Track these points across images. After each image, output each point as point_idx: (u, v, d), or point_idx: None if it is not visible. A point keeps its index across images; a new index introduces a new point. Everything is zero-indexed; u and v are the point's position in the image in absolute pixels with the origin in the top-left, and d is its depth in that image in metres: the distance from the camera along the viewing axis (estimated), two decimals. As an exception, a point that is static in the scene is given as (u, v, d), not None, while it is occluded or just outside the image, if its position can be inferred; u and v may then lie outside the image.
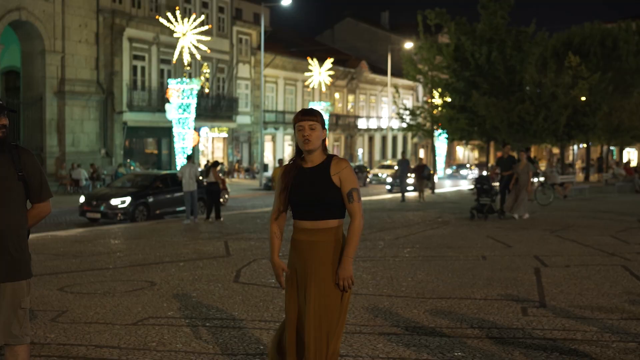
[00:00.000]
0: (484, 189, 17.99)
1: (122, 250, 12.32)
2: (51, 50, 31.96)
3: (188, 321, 6.75)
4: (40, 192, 4.07)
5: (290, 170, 4.10)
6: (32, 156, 4.07)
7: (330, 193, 3.99)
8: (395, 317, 6.89)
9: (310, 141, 4.01)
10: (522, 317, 6.89)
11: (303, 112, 4.07)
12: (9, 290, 3.92)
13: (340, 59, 56.32)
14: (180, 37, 33.20)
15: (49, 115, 32.25)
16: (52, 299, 7.83)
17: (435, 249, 12.13)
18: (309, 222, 4.02)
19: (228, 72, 44.99)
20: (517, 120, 33.45)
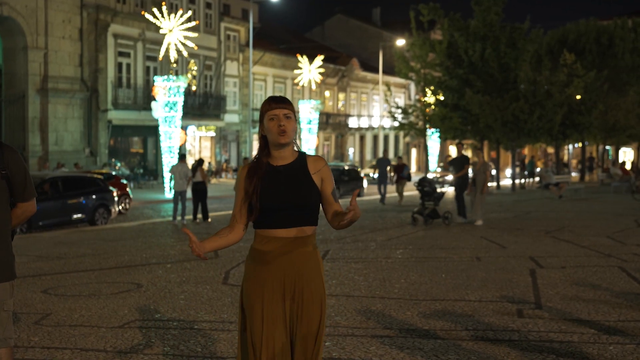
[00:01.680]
0: (426, 192, 16.77)
1: (107, 252, 12.28)
2: (34, 47, 31.82)
3: (176, 324, 6.73)
4: (24, 191, 4.04)
5: (257, 170, 3.58)
6: (16, 154, 4.04)
7: (312, 195, 3.54)
8: (388, 319, 6.89)
9: (287, 133, 3.53)
10: (518, 319, 6.91)
11: (275, 99, 3.59)
12: (-8, 292, 3.90)
13: (330, 56, 56.32)
14: (166, 34, 33.14)
15: (32, 113, 32.10)
16: (36, 302, 7.80)
17: (428, 250, 12.15)
18: (283, 230, 3.51)
19: (216, 69, 44.92)
20: (511, 119, 33.51)
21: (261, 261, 3.54)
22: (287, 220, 3.51)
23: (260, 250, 3.55)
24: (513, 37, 34.68)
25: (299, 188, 3.53)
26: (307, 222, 3.55)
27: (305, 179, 3.56)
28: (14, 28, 31.34)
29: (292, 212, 3.51)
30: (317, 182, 3.58)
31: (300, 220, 3.53)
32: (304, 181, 3.56)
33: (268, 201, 3.50)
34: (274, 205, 3.50)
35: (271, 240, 3.52)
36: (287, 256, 3.51)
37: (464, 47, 34.55)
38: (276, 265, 3.50)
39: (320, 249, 12.16)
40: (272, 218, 3.52)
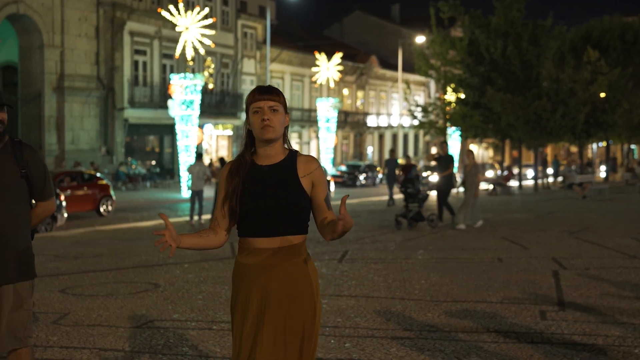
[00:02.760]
0: (410, 193, 16.03)
1: (124, 252, 12.37)
2: (50, 45, 32.10)
3: (194, 324, 6.78)
4: (44, 190, 4.10)
5: (239, 168, 3.26)
6: (35, 153, 4.10)
7: (300, 200, 3.19)
8: (408, 321, 6.90)
9: (272, 127, 3.19)
10: (541, 321, 6.89)
11: (261, 90, 3.24)
12: (12, 292, 3.95)
13: (349, 53, 56.32)
14: (183, 31, 33.28)
15: (48, 112, 32.39)
16: (54, 301, 7.89)
17: (448, 251, 12.13)
18: (265, 239, 3.18)
19: (232, 67, 45.08)
20: (533, 118, 33.37)
21: (244, 277, 3.21)
22: (271, 229, 3.18)
23: (243, 263, 3.23)
24: (535, 34, 34.52)
25: (284, 192, 3.18)
26: (294, 230, 3.21)
27: (293, 182, 3.21)
28: (30, 26, 31.63)
29: (276, 219, 3.17)
30: (306, 187, 3.22)
31: (286, 229, 3.19)
32: (291, 184, 3.20)
33: (248, 205, 3.18)
34: (254, 211, 3.18)
35: (252, 252, 3.20)
36: (272, 271, 3.17)
37: (485, 45, 34.45)
38: (260, 283, 3.17)
39: (339, 250, 12.19)
40: (254, 225, 3.19)
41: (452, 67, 37.15)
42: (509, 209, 22.68)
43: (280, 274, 3.17)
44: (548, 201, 26.76)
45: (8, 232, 3.95)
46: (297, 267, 3.20)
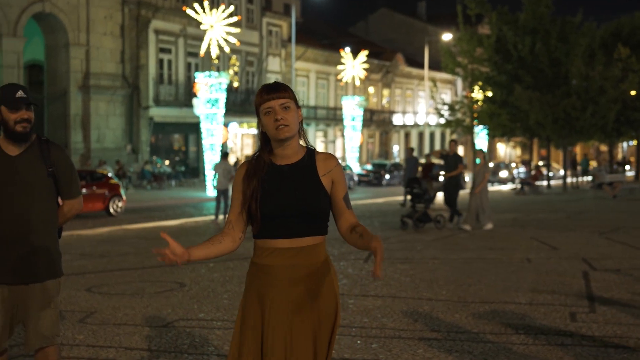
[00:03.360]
0: (416, 194, 15.73)
1: (149, 250, 12.44)
2: (75, 43, 32.40)
3: (220, 324, 6.81)
4: (70, 188, 4.14)
5: (257, 169, 3.18)
6: (63, 151, 4.15)
7: (321, 200, 3.14)
8: (436, 322, 6.87)
9: (287, 126, 3.11)
10: (571, 323, 6.83)
11: (268, 89, 3.14)
12: (39, 290, 4.00)
13: (374, 51, 56.23)
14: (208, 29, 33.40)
15: (74, 110, 32.70)
16: (80, 300, 7.96)
17: (476, 251, 12.07)
18: (285, 240, 3.12)
19: (257, 65, 45.20)
20: (562, 116, 33.08)
21: (261, 278, 3.15)
22: (291, 230, 3.12)
23: (261, 264, 3.16)
24: (564, 30, 34.21)
25: (305, 192, 3.12)
26: (314, 231, 3.16)
27: (313, 182, 3.15)
28: (55, 25, 31.95)
29: (297, 220, 3.11)
30: (326, 185, 3.17)
31: (306, 230, 3.14)
32: (311, 184, 3.15)
33: (269, 207, 3.11)
34: (275, 212, 3.11)
35: (273, 253, 3.13)
36: (292, 272, 3.12)
37: (513, 42, 34.20)
38: (279, 284, 3.12)
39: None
40: (274, 226, 3.12)
41: (479, 64, 36.92)
42: (537, 208, 22.50)
43: (300, 275, 3.12)
44: (577, 201, 26.52)
45: (35, 230, 3.99)
46: (317, 268, 3.16)
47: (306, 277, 3.12)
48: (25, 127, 3.97)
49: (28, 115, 3.98)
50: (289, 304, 3.10)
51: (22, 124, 3.96)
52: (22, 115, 3.95)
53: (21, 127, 3.96)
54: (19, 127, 3.95)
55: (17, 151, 4.00)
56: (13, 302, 4.01)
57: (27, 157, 4.01)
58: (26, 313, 4.02)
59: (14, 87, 4.00)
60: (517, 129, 36.66)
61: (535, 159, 50.19)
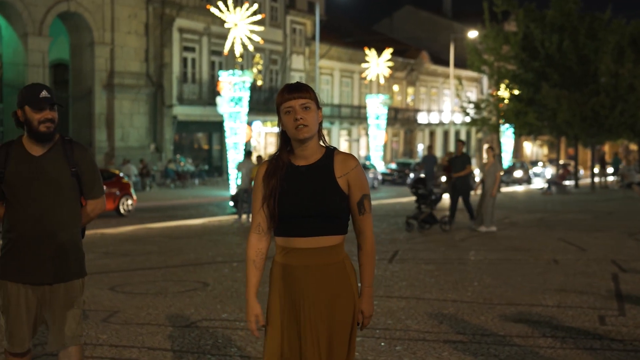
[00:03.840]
0: (421, 195, 15.33)
1: (172, 250, 12.50)
2: (100, 42, 32.64)
3: (243, 324, 6.80)
4: (93, 188, 4.14)
5: (277, 169, 3.24)
6: (86, 151, 4.16)
7: (336, 201, 3.17)
8: (461, 324, 6.82)
9: (307, 126, 3.15)
10: (600, 326, 6.74)
11: (290, 89, 3.21)
12: (63, 290, 4.01)
13: (399, 49, 56.02)
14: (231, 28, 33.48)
15: (98, 109, 32.94)
16: (104, 299, 8.00)
17: (502, 252, 11.98)
18: (303, 239, 3.18)
19: (281, 63, 45.25)
20: (590, 115, 32.75)
21: (282, 278, 3.24)
22: (308, 229, 3.17)
23: (281, 264, 3.25)
24: (593, 27, 33.83)
25: (321, 193, 3.16)
26: (332, 231, 3.20)
27: (329, 183, 3.18)
28: (80, 24, 32.21)
29: (313, 220, 3.17)
30: (343, 187, 3.19)
31: (323, 230, 3.18)
32: (327, 185, 3.18)
33: (286, 207, 3.18)
34: (292, 212, 3.18)
35: (291, 252, 3.21)
36: (310, 272, 3.18)
37: (540, 39, 33.90)
38: (298, 284, 3.19)
39: (389, 249, 12.13)
40: (292, 226, 3.20)
41: (505, 62, 36.62)
42: (565, 208, 22.30)
43: (317, 275, 3.18)
44: (606, 201, 26.25)
45: (59, 230, 4.01)
46: (335, 268, 3.21)
47: (323, 276, 3.18)
48: (49, 127, 3.98)
49: (52, 115, 3.99)
50: (306, 303, 3.18)
51: (46, 124, 3.97)
52: (46, 115, 3.96)
53: (45, 127, 3.97)
54: (43, 127, 3.97)
55: (40, 151, 4.02)
56: (37, 302, 4.03)
57: (51, 157, 4.02)
58: (50, 313, 4.04)
59: (37, 87, 4.01)
60: (544, 127, 36.35)
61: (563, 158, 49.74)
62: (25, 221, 3.96)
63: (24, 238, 3.97)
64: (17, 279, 4.00)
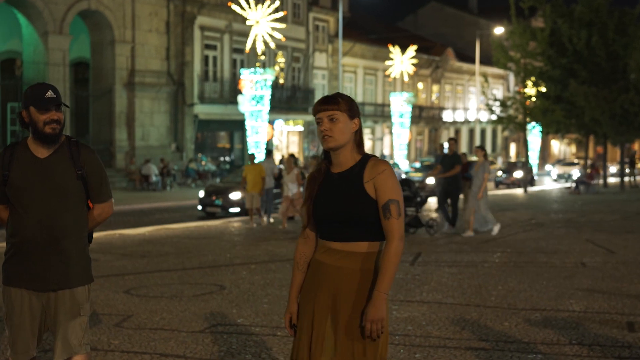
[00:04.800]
0: (406, 196, 14.53)
1: (190, 251, 12.45)
2: (121, 40, 32.76)
3: (258, 329, 6.71)
4: (100, 192, 4.06)
5: (318, 174, 3.45)
6: (93, 153, 4.06)
7: (362, 206, 3.29)
8: (484, 330, 6.67)
9: (332, 137, 3.34)
10: (629, 333, 6.56)
11: (321, 101, 3.41)
12: (68, 297, 3.93)
13: (424, 46, 55.75)
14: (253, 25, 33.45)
15: (119, 107, 33.07)
16: (118, 302, 7.94)
17: (528, 254, 11.78)
18: (337, 243, 3.35)
19: (304, 61, 45.17)
20: (620, 112, 32.33)
21: (316, 273, 3.41)
22: (340, 234, 3.34)
23: (317, 260, 3.43)
24: (622, 22, 33.39)
25: (348, 200, 3.31)
26: (366, 237, 3.32)
27: (356, 189, 3.32)
28: (101, 22, 32.35)
29: (343, 225, 3.32)
30: (370, 192, 3.30)
31: (355, 235, 3.32)
32: (354, 192, 3.32)
33: (319, 211, 3.39)
34: (323, 218, 3.38)
35: (326, 252, 3.39)
36: (341, 274, 3.33)
37: (568, 35, 33.49)
38: (329, 283, 3.34)
39: (411, 251, 11.98)
40: (326, 229, 3.40)
41: (532, 59, 36.22)
42: (593, 209, 21.99)
43: (348, 278, 3.30)
44: (636, 201, 25.85)
45: (65, 235, 3.92)
46: (365, 272, 3.31)
47: (352, 280, 3.30)
48: (55, 128, 3.90)
49: (58, 116, 3.91)
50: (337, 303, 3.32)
51: (52, 125, 3.89)
52: (52, 116, 3.88)
53: (50, 128, 3.89)
54: (48, 129, 3.89)
55: (46, 153, 3.94)
56: (42, 309, 3.95)
57: (57, 159, 3.94)
58: (55, 321, 3.96)
59: (43, 87, 3.93)
60: (572, 125, 35.93)
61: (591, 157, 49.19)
62: (30, 225, 3.89)
63: (28, 243, 3.90)
64: (21, 285, 3.92)
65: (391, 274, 3.24)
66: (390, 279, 3.25)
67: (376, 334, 3.22)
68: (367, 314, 3.21)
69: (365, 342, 3.26)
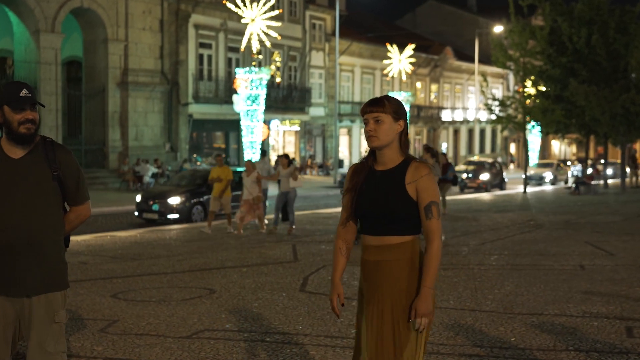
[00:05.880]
0: None
1: (182, 253, 12.34)
2: (114, 39, 32.63)
3: (246, 335, 6.61)
4: (77, 193, 3.96)
5: (361, 170, 3.74)
6: (69, 154, 3.97)
7: (401, 205, 3.58)
8: (478, 335, 6.58)
9: (376, 137, 3.62)
10: (627, 338, 6.47)
11: (369, 102, 3.71)
12: (43, 303, 3.83)
13: (422, 44, 55.69)
14: (248, 23, 33.37)
15: (112, 107, 32.93)
16: (104, 307, 7.84)
17: (526, 257, 11.69)
18: (373, 237, 3.65)
19: (300, 60, 45.07)
20: (620, 111, 32.24)
21: (362, 271, 3.72)
22: (377, 228, 3.63)
23: (362, 259, 3.73)
24: (623, 21, 33.32)
25: (388, 196, 3.59)
26: (399, 231, 3.60)
27: (397, 188, 3.59)
28: (94, 20, 32.22)
29: (382, 220, 3.60)
30: (411, 193, 3.58)
31: (390, 229, 3.60)
32: (395, 190, 3.59)
33: (359, 205, 3.67)
34: (363, 211, 3.66)
35: (366, 249, 3.69)
36: (378, 268, 3.62)
37: (568, 33, 33.43)
38: (369, 278, 3.66)
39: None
40: (365, 223, 3.69)
41: (532, 58, 36.13)
42: (593, 210, 21.91)
43: (384, 271, 3.60)
44: (637, 202, 25.78)
45: (40, 239, 3.82)
46: (402, 265, 3.58)
47: (390, 271, 3.59)
48: (30, 128, 3.81)
49: (33, 115, 3.82)
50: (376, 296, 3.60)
51: (27, 125, 3.79)
52: (27, 116, 3.79)
53: (25, 128, 3.79)
54: (23, 129, 3.79)
55: (20, 153, 3.84)
56: (15, 315, 3.85)
57: (31, 160, 3.85)
58: (28, 327, 3.85)
59: (18, 85, 3.84)
60: (572, 125, 35.87)
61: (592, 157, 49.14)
62: (3, 229, 3.78)
63: (2, 247, 3.79)
64: (-7, 291, 3.82)
65: (435, 269, 3.54)
66: (435, 274, 3.54)
67: (424, 327, 3.52)
68: (417, 309, 3.50)
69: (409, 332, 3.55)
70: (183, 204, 19.11)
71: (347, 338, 6.47)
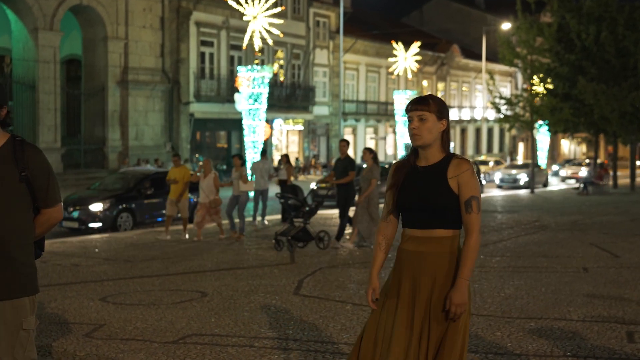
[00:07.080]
0: (291, 205, 13.37)
1: (177, 255, 12.26)
2: (114, 37, 32.57)
3: (235, 340, 6.51)
4: (47, 195, 3.85)
5: (402, 167, 3.93)
6: (39, 154, 3.86)
7: (444, 199, 3.76)
8: (474, 340, 6.47)
9: (420, 135, 3.80)
10: (628, 343, 6.36)
11: (413, 101, 3.87)
12: (9, 309, 3.72)
13: (428, 42, 55.54)
14: (251, 21, 33.25)
15: (112, 106, 32.86)
16: (91, 311, 7.75)
17: (528, 259, 11.57)
18: (417, 230, 3.81)
19: (304, 58, 44.97)
20: (630, 110, 32.06)
21: (399, 258, 3.85)
22: (420, 222, 3.79)
23: (401, 248, 3.86)
24: (633, 17, 33.13)
25: (430, 191, 3.76)
26: (442, 225, 3.75)
27: (439, 183, 3.76)
28: (93, 18, 32.16)
29: (425, 214, 3.77)
30: (453, 187, 3.75)
31: (436, 222, 3.76)
32: (437, 184, 3.76)
33: (402, 199, 3.83)
34: (407, 206, 3.82)
35: (408, 240, 3.82)
36: (420, 259, 3.75)
37: (577, 30, 33.25)
38: (411, 269, 3.77)
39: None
40: (408, 217, 3.84)
41: (539, 55, 35.98)
42: (600, 210, 21.76)
43: (427, 263, 3.73)
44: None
45: (7, 242, 3.72)
46: (442, 258, 3.72)
47: (433, 264, 3.72)
48: (-6, 126, 3.72)
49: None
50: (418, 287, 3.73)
51: (-8, 123, 3.70)
52: (-7, 113, 3.70)
53: (-9, 126, 3.70)
54: (-10, 127, 3.70)
55: (-13, 153, 3.74)
56: (-17, 321, 3.76)
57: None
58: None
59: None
60: (581, 124, 35.69)
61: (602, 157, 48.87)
62: (-31, 232, 3.69)
63: (-33, 250, 3.70)
64: (-42, 296, 3.73)
65: (472, 262, 3.68)
66: (471, 266, 3.68)
67: (458, 317, 3.62)
68: (452, 298, 3.61)
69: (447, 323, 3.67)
70: (107, 210, 17.16)
71: (338, 343, 6.37)
